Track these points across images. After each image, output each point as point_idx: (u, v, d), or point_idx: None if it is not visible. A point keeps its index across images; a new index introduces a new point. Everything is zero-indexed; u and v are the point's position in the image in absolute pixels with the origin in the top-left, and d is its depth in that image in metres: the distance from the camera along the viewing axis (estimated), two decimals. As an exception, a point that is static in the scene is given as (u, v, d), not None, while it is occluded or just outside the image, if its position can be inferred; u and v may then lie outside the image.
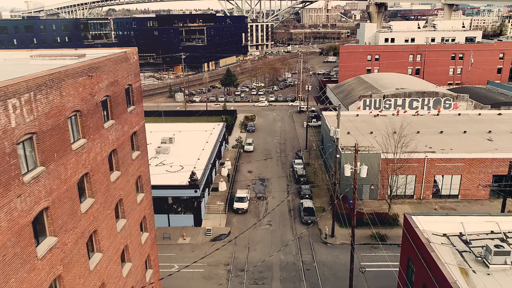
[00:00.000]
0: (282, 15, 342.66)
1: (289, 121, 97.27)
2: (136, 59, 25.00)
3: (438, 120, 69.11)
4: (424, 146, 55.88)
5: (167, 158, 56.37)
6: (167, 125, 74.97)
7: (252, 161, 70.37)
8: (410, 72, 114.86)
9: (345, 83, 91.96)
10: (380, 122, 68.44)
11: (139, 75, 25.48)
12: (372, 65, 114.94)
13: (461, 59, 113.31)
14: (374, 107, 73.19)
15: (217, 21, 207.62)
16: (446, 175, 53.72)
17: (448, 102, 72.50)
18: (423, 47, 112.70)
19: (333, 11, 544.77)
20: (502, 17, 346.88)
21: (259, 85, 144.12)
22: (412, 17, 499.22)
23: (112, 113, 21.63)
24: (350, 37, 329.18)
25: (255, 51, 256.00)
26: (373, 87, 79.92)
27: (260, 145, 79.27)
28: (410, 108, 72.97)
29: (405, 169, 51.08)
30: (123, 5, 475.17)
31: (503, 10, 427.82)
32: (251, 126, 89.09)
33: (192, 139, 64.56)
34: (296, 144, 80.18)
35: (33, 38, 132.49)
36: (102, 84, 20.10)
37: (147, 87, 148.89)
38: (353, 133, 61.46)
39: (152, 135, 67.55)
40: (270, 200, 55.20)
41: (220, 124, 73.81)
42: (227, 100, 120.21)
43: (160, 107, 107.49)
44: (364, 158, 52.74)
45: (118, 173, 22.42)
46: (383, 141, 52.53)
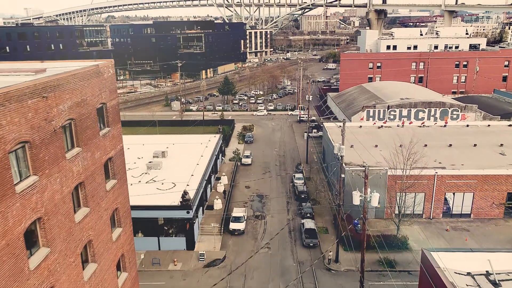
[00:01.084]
0: (281, 22, 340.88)
1: (288, 131, 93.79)
2: (112, 73, 21.44)
3: (446, 132, 65.65)
4: (433, 161, 52.38)
5: (158, 174, 52.74)
6: (161, 137, 71.40)
7: (250, 175, 66.72)
8: (413, 80, 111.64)
9: (347, 92, 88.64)
10: (384, 134, 65.02)
11: (115, 91, 21.92)
12: (374, 73, 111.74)
13: (465, 66, 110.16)
14: (378, 118, 69.78)
15: (216, 28, 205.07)
16: (458, 193, 50.13)
17: (456, 112, 69.11)
18: (426, 55, 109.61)
19: (332, 18, 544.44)
20: (502, 23, 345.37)
21: (258, 93, 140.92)
22: (411, 23, 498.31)
23: (78, 139, 18.04)
24: (350, 44, 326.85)
25: (254, 58, 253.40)
26: (376, 97, 76.55)
27: (259, 157, 75.68)
28: (415, 119, 69.56)
29: (414, 186, 47.48)
30: (122, 12, 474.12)
31: (501, 17, 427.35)
32: (249, 137, 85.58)
33: (186, 153, 60.96)
34: (296, 156, 76.60)
35: (26, 46, 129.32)
36: (63, 106, 16.52)
37: (144, 95, 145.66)
38: (356, 146, 57.89)
39: (144, 148, 64.06)
40: (269, 220, 51.50)
41: (217, 136, 70.28)
42: (225, 109, 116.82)
43: (155, 116, 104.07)
44: (369, 175, 49.21)
45: (86, 210, 18.78)
46: (390, 156, 49.10)
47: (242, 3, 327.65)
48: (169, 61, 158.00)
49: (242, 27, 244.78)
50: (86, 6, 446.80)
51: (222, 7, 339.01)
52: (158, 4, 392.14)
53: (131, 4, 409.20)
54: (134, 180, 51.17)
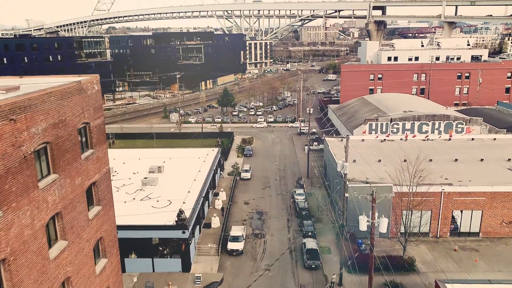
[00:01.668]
0: (281, 33, 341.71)
1: (288, 144, 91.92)
2: (97, 90, 19.62)
3: (451, 145, 63.79)
4: (439, 177, 50.36)
5: (154, 191, 50.69)
6: (158, 151, 69.48)
7: (249, 190, 64.67)
8: (414, 92, 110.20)
9: (348, 104, 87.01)
10: (388, 148, 63.14)
11: (100, 109, 20.07)
12: (375, 84, 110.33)
13: (468, 78, 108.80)
14: (381, 131, 67.96)
15: (215, 39, 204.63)
16: (465, 211, 48.03)
17: (461, 126, 67.33)
18: (427, 66, 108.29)
19: (331, 29, 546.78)
20: (501, 34, 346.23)
21: (258, 104, 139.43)
22: (410, 34, 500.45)
23: (54, 165, 16.12)
24: (349, 55, 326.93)
25: (254, 69, 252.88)
26: (379, 109, 74.86)
27: (258, 171, 73.66)
28: (419, 132, 67.74)
29: (419, 203, 45.39)
30: (123, 23, 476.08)
31: (500, 28, 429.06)
32: (249, 150, 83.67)
33: (184, 168, 58.96)
34: (297, 170, 74.60)
35: (24, 57, 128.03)
36: (36, 129, 14.64)
37: (142, 107, 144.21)
38: (359, 161, 55.98)
39: (140, 162, 62.09)
40: (269, 239, 49.30)
41: (215, 149, 68.36)
42: (224, 121, 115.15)
43: (153, 128, 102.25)
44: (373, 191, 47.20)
45: (64, 244, 16.78)
46: (395, 171, 47.15)
47: (242, 14, 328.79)
48: (168, 72, 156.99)
49: (242, 38, 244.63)
50: (86, 18, 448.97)
51: (222, 18, 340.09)
52: (158, 16, 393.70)
53: (132, 15, 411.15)
54: (129, 197, 49.15)
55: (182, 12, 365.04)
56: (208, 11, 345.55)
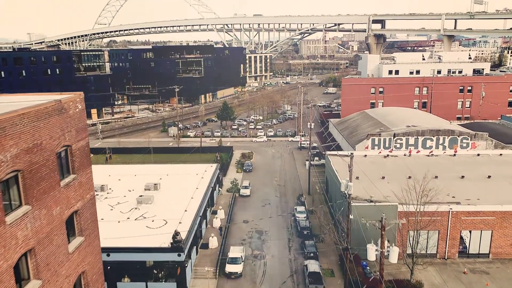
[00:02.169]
0: (281, 46, 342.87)
1: (289, 159, 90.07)
2: (81, 109, 17.91)
3: (456, 161, 61.94)
4: (446, 195, 48.38)
5: (149, 210, 48.66)
6: (154, 167, 67.60)
7: (249, 208, 62.59)
8: (416, 106, 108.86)
9: (350, 119, 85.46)
10: (391, 164, 61.31)
11: (84, 130, 18.31)
12: (376, 98, 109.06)
13: (470, 92, 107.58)
14: (384, 146, 66.22)
15: (215, 52, 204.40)
16: (474, 231, 45.97)
17: (466, 141, 65.62)
18: (429, 79, 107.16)
19: (330, 42, 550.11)
20: (501, 48, 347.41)
21: (258, 118, 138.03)
22: (409, 48, 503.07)
23: (27, 195, 14.29)
24: (349, 68, 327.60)
25: (253, 82, 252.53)
26: (381, 124, 73.25)
27: (258, 188, 71.66)
28: (423, 147, 66.00)
29: (426, 223, 43.37)
30: (124, 37, 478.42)
31: (499, 41, 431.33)
32: (248, 166, 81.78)
33: (181, 185, 56.99)
34: (298, 186, 72.60)
35: (22, 70, 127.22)
36: (3, 156, 12.85)
37: (141, 120, 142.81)
38: (362, 177, 54.10)
39: (136, 179, 60.15)
40: (269, 260, 47.08)
41: (213, 165, 66.48)
42: (223, 135, 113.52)
43: (151, 142, 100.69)
44: (377, 211, 45.25)
45: (37, 284, 14.81)
46: (400, 189, 45.26)
47: (242, 28, 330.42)
48: (168, 85, 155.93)
49: (242, 52, 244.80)
50: (87, 31, 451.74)
51: (222, 32, 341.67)
52: (158, 29, 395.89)
53: (132, 29, 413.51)
54: (122, 216, 47.13)
55: (183, 26, 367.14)
56: (208, 24, 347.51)
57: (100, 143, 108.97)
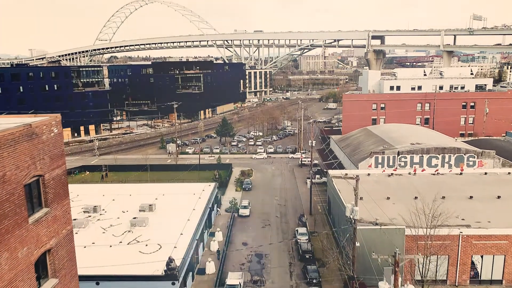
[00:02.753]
0: (281, 62, 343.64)
1: (289, 177, 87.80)
2: (57, 133, 15.87)
3: (463, 180, 59.69)
4: (455, 217, 46.01)
5: (143, 233, 46.27)
6: (150, 186, 65.34)
7: (248, 229, 60.08)
8: (418, 122, 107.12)
9: (351, 136, 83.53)
10: (396, 184, 59.05)
11: (61, 156, 16.25)
12: (378, 114, 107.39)
13: (473, 108, 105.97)
14: (388, 165, 64.06)
15: (215, 68, 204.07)
16: (486, 255, 43.49)
17: (472, 159, 63.51)
18: (431, 95, 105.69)
19: (330, 58, 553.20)
20: (500, 63, 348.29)
21: (257, 134, 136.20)
22: (408, 63, 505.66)
23: (-16, 238, 12.09)
24: (349, 83, 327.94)
25: (253, 97, 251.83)
26: (384, 141, 71.26)
27: (258, 207, 69.22)
28: (428, 166, 63.82)
29: (437, 248, 41.00)
30: (124, 53, 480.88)
31: (497, 57, 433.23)
32: (248, 184, 79.47)
33: (177, 206, 54.69)
34: (299, 206, 70.22)
35: (20, 86, 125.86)
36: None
37: (139, 137, 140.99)
38: (366, 198, 51.76)
39: (130, 199, 57.88)
40: (269, 286, 44.47)
41: (211, 184, 64.24)
42: (223, 152, 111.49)
43: (149, 160, 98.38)
44: (384, 235, 42.92)
45: None
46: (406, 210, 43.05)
47: (242, 44, 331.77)
48: (167, 101, 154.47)
49: (242, 67, 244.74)
50: (88, 47, 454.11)
51: (222, 48, 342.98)
52: (159, 45, 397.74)
53: (133, 45, 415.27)
54: (115, 240, 44.74)
55: (183, 41, 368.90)
56: (208, 40, 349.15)
57: (97, 160, 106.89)
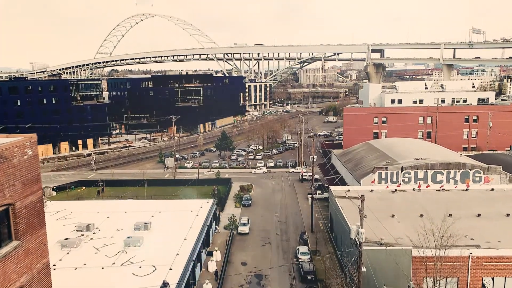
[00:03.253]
0: (280, 75, 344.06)
1: (290, 192, 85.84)
2: (31, 155, 14.20)
3: (469, 197, 57.77)
4: (463, 236, 44.01)
5: (137, 254, 44.18)
6: (146, 203, 63.35)
7: (247, 247, 57.95)
8: (420, 135, 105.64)
9: (353, 150, 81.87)
10: (400, 200, 57.12)
11: (37, 181, 14.52)
12: (379, 128, 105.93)
13: (476, 121, 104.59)
14: (391, 180, 62.27)
15: (215, 81, 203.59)
16: (498, 278, 41.32)
17: (478, 174, 61.75)
18: (433, 109, 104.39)
19: (329, 71, 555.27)
20: (500, 76, 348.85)
21: (257, 148, 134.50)
22: (407, 76, 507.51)
23: None
24: (349, 96, 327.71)
25: (253, 110, 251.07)
26: (387, 156, 69.58)
27: (257, 224, 67.15)
28: (433, 182, 62.04)
29: (444, 270, 38.90)
30: (125, 66, 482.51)
31: (496, 70, 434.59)
32: (247, 200, 77.50)
33: (173, 224, 52.68)
34: (300, 222, 68.14)
35: (17, 100, 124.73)
36: None
37: (137, 150, 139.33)
38: (370, 215, 49.57)
39: (126, 217, 55.83)
40: (269, 311, 42.30)
41: (210, 201, 62.28)
42: (222, 166, 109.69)
43: (147, 174, 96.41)
44: (389, 256, 40.92)
45: None
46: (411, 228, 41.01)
47: (242, 57, 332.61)
48: (166, 114, 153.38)
49: (242, 80, 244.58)
50: (89, 61, 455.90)
51: (222, 61, 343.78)
52: (159, 59, 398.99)
53: (133, 58, 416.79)
54: (107, 261, 42.63)
55: (183, 55, 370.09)
56: (208, 54, 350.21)
57: (94, 174, 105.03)
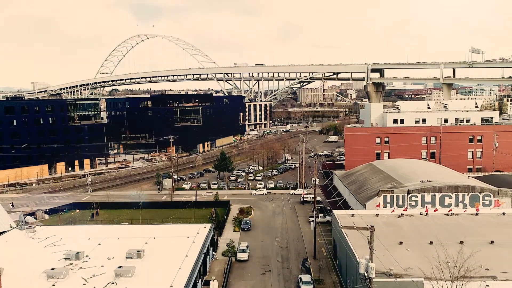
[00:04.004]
0: (280, 94, 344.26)
1: (291, 215, 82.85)
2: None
3: (480, 222, 54.97)
4: (477, 266, 41.07)
5: (128, 285, 41.06)
6: (141, 228, 60.33)
7: (247, 276, 54.78)
8: (424, 156, 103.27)
9: (356, 172, 79.35)
10: (407, 226, 54.29)
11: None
12: (382, 148, 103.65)
13: (480, 141, 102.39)
14: (397, 204, 59.58)
15: (214, 101, 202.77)
16: (517, 312, 38.31)
17: (488, 198, 59.12)
18: (437, 129, 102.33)
19: (329, 91, 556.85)
20: (500, 95, 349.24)
21: (257, 168, 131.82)
22: (406, 96, 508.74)
23: None
24: (349, 116, 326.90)
25: (253, 130, 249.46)
26: (392, 178, 67.03)
27: (257, 250, 64.01)
28: (441, 205, 59.33)
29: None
30: (125, 86, 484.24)
31: (494, 89, 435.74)
32: (247, 224, 74.48)
33: (168, 252, 49.62)
34: (302, 248, 65.03)
35: (13, 120, 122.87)
36: None
37: (135, 171, 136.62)
38: (376, 243, 46.55)
39: (118, 243, 52.74)
40: None
41: (207, 226, 59.30)
42: (221, 187, 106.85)
43: (143, 196, 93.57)
44: (400, 288, 37.97)
45: None
46: (421, 258, 38.18)
47: (242, 77, 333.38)
48: (165, 134, 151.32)
49: (241, 100, 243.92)
50: (89, 80, 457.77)
51: (222, 81, 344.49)
52: (159, 79, 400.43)
53: (133, 78, 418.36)
54: (95, 294, 39.57)
55: (183, 75, 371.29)
56: (208, 74, 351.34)
57: (89, 196, 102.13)
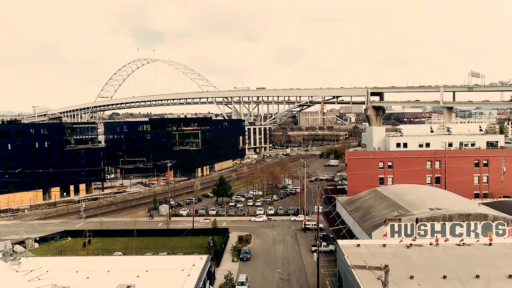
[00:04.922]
0: (280, 118, 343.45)
1: (292, 244, 79.12)
2: None
3: (495, 253, 51.43)
4: (497, 305, 37.63)
5: (115, 326, 37.48)
6: (133, 260, 56.53)
7: (245, 313, 50.94)
8: (429, 181, 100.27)
9: (360, 198, 76.15)
10: (417, 257, 50.69)
11: None
12: (385, 173, 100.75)
13: (486, 166, 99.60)
14: (405, 234, 56.20)
15: (214, 124, 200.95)
16: None
17: (502, 227, 55.83)
18: (441, 153, 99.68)
19: (328, 114, 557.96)
20: (500, 119, 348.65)
21: (257, 193, 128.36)
22: (406, 119, 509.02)
23: None
24: (349, 139, 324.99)
25: (253, 154, 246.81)
26: (398, 205, 63.82)
27: (257, 282, 60.17)
28: (452, 235, 55.95)
29: None
30: (125, 109, 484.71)
31: (493, 113, 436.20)
32: (246, 253, 70.72)
33: (161, 286, 45.99)
34: (304, 280, 61.23)
35: (7, 144, 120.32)
36: None
37: (132, 196, 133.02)
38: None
39: (108, 277, 48.93)
40: None
41: (203, 257, 55.52)
42: (219, 213, 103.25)
43: (138, 223, 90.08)
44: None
45: None
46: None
47: (242, 100, 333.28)
48: (163, 158, 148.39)
49: (241, 123, 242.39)
50: (89, 104, 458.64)
51: (222, 105, 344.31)
52: (159, 102, 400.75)
53: (133, 102, 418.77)
54: (78, 337, 35.86)
55: (183, 99, 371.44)
56: (208, 97, 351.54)
57: (82, 223, 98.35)
